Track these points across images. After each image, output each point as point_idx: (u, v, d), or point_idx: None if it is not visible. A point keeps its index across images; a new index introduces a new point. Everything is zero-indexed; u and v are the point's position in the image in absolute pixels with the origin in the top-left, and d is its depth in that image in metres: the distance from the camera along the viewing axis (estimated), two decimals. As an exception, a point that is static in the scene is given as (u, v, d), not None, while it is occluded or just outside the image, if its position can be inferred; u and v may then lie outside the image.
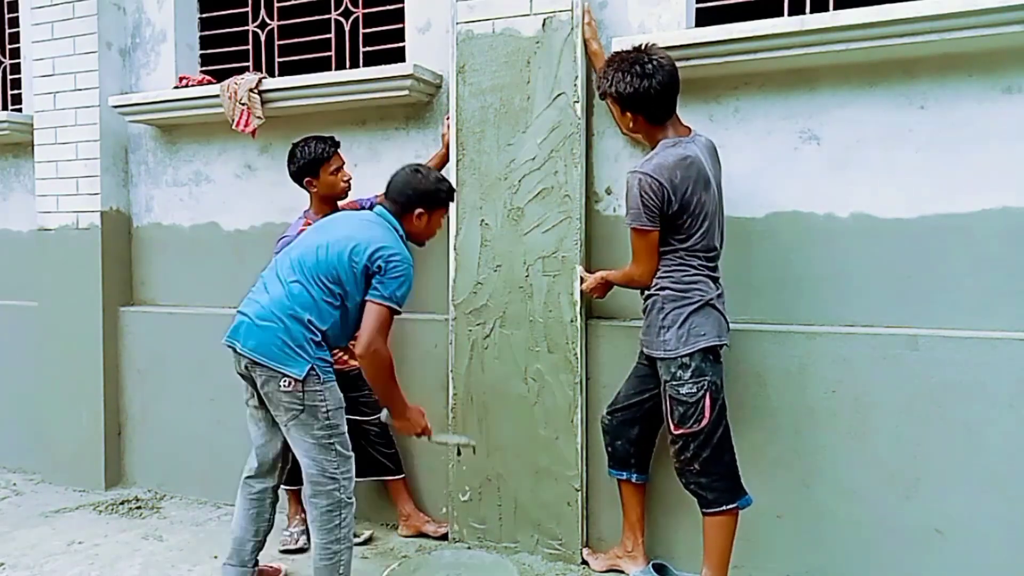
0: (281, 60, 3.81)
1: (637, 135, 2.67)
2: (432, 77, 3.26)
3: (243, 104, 3.46)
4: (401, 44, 3.46)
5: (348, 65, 3.65)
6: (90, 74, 3.88)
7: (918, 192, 2.64)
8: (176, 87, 3.79)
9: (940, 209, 2.62)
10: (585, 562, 2.97)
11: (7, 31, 4.51)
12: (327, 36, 3.70)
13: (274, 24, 3.83)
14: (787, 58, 2.67)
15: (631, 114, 2.51)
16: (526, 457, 3.03)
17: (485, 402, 3.09)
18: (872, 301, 2.71)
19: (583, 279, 2.88)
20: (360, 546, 3.18)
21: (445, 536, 3.23)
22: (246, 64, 3.88)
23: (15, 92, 4.51)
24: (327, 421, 2.46)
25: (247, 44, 3.89)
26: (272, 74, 3.74)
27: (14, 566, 3.07)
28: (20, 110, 4.35)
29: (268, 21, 3.85)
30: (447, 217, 2.80)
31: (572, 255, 2.93)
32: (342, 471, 2.49)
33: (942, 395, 2.57)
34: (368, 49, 3.62)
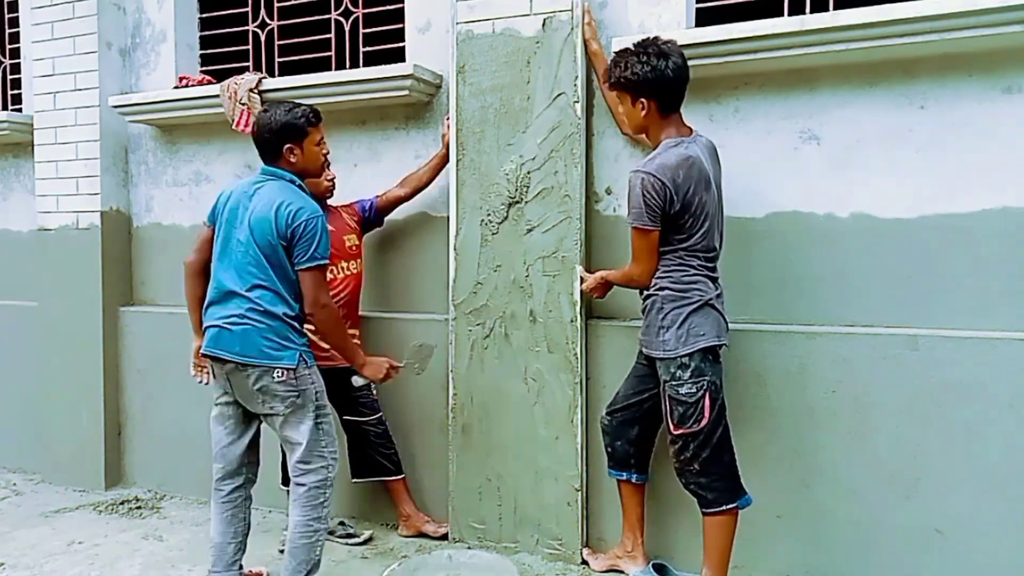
0: (281, 60, 3.81)
1: (640, 134, 2.66)
2: (432, 77, 3.26)
3: (243, 104, 3.46)
4: (401, 44, 3.46)
5: (348, 65, 3.65)
6: (90, 74, 3.88)
7: (918, 192, 2.64)
8: (176, 87, 3.79)
9: (940, 209, 2.62)
10: (585, 562, 2.97)
11: (7, 31, 4.52)
12: (327, 36, 3.70)
13: (274, 24, 3.83)
14: (787, 58, 2.67)
15: (645, 100, 2.48)
16: (526, 457, 3.03)
17: (485, 402, 3.09)
18: (872, 301, 2.71)
19: (583, 279, 2.88)
20: (360, 546, 3.19)
21: (445, 536, 3.23)
22: (246, 64, 3.88)
23: (15, 92, 4.51)
24: (317, 402, 2.56)
25: (247, 44, 3.89)
26: (272, 74, 3.74)
27: (14, 566, 3.07)
28: (20, 110, 4.35)
29: (268, 21, 3.85)
30: (323, 143, 2.70)
31: (572, 255, 2.93)
32: (330, 450, 2.59)
33: (942, 395, 2.57)
34: (368, 49, 3.62)
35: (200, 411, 3.77)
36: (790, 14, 2.86)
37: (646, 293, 2.58)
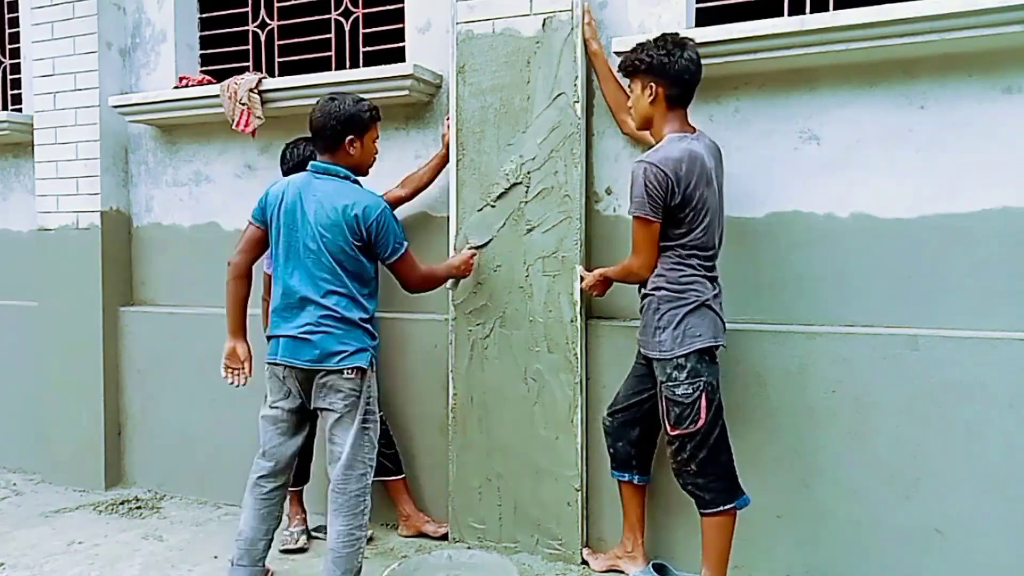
0: (281, 60, 3.81)
1: (644, 129, 2.66)
2: (432, 77, 3.26)
3: (243, 104, 3.46)
4: (401, 44, 3.46)
5: (348, 65, 3.65)
6: (90, 74, 3.88)
7: (918, 192, 2.64)
8: (176, 87, 3.79)
9: (940, 209, 2.62)
10: (585, 562, 2.97)
11: (7, 31, 4.52)
12: (327, 36, 3.70)
13: (274, 24, 3.83)
14: (787, 58, 2.67)
15: (654, 85, 2.50)
16: (526, 457, 3.03)
17: (485, 402, 3.09)
18: (872, 301, 2.71)
19: (583, 278, 2.88)
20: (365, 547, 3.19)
21: (445, 536, 3.23)
22: (246, 64, 3.88)
23: (15, 92, 4.51)
24: (369, 407, 2.58)
25: (247, 44, 3.89)
26: (272, 74, 3.74)
27: (14, 566, 3.07)
28: (20, 110, 4.35)
29: (268, 21, 3.85)
30: (377, 137, 2.71)
31: (572, 255, 2.93)
32: (370, 458, 2.60)
33: (942, 395, 2.57)
34: (368, 49, 3.62)
35: (200, 411, 3.80)
36: (790, 14, 2.86)
37: (643, 292, 2.58)
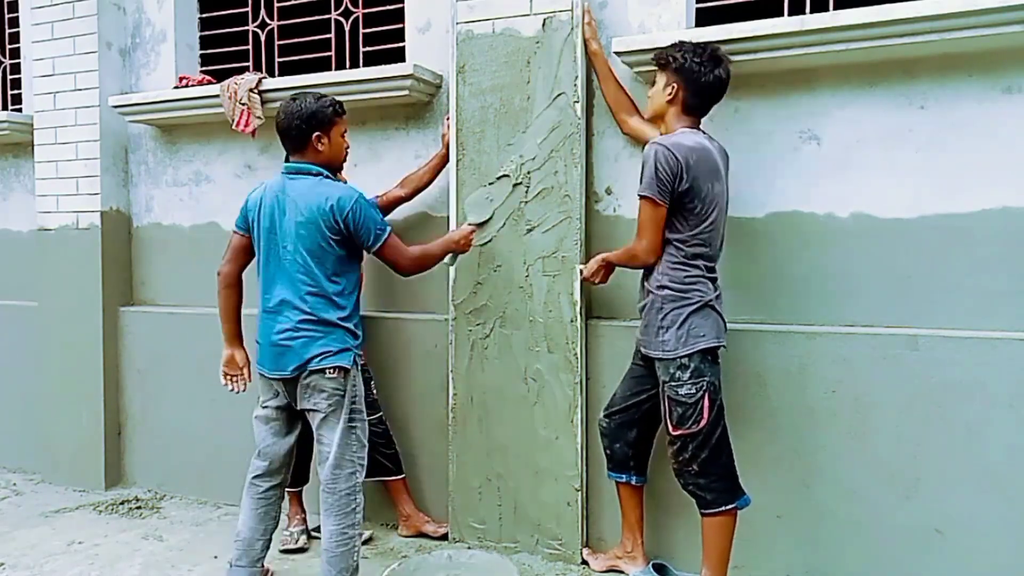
0: (281, 60, 3.81)
1: (654, 119, 2.66)
2: (432, 77, 3.26)
3: (243, 104, 3.46)
4: (401, 44, 3.46)
5: (348, 65, 3.65)
6: (90, 74, 3.88)
7: (918, 192, 2.64)
8: (176, 87, 3.79)
9: (940, 209, 2.62)
10: (585, 562, 2.97)
11: (7, 31, 4.52)
12: (327, 36, 3.70)
13: (274, 24, 3.83)
14: (787, 58, 2.67)
15: (676, 84, 2.51)
16: (526, 457, 3.03)
17: (485, 402, 3.09)
18: (872, 301, 2.71)
19: (582, 270, 2.87)
20: (360, 546, 3.18)
21: (445, 536, 3.23)
22: (246, 64, 3.88)
23: (15, 92, 4.51)
24: (355, 406, 2.59)
25: (247, 44, 3.89)
26: (272, 74, 3.74)
27: (14, 566, 3.07)
28: (20, 110, 4.35)
29: (268, 21, 3.85)
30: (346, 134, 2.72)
31: (572, 255, 2.93)
32: (359, 456, 2.60)
33: (942, 395, 2.57)
34: (368, 49, 3.62)
35: (200, 411, 3.80)
36: (790, 14, 2.86)
37: (646, 291, 2.58)
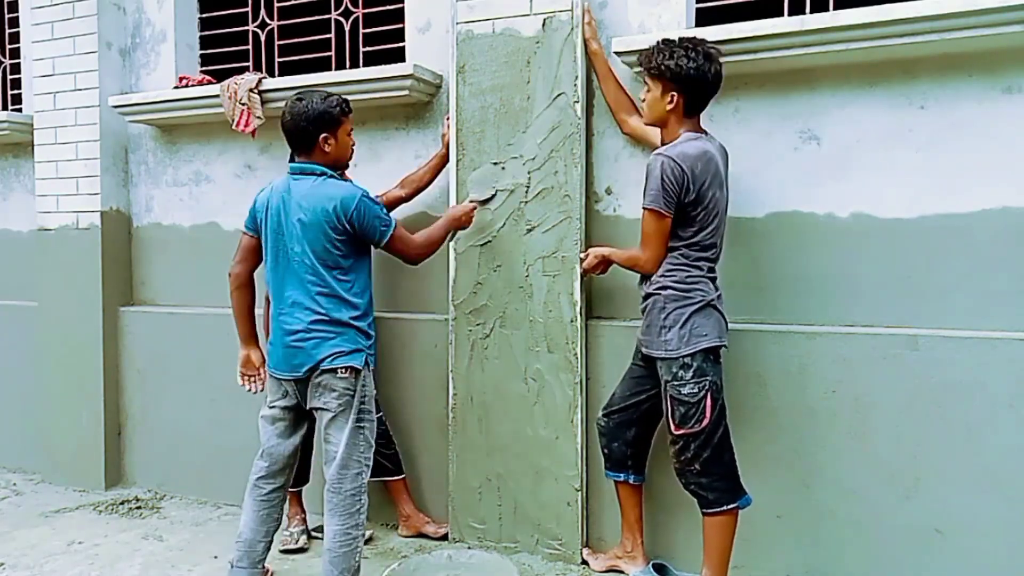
0: (281, 60, 3.81)
1: (653, 125, 2.65)
2: (432, 77, 3.26)
3: (243, 104, 3.46)
4: (401, 44, 3.46)
5: (348, 65, 3.65)
6: (90, 74, 3.88)
7: (918, 192, 2.64)
8: (176, 87, 3.79)
9: (940, 209, 2.62)
10: (585, 562, 2.97)
11: (7, 31, 4.51)
12: (327, 36, 3.70)
13: (274, 24, 3.83)
14: (787, 58, 2.67)
15: (676, 94, 2.49)
16: (526, 457, 3.03)
17: (485, 402, 3.09)
18: (872, 301, 2.71)
19: (583, 259, 2.87)
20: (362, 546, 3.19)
21: (445, 536, 3.23)
22: (246, 64, 3.88)
23: (15, 92, 4.51)
24: (364, 406, 2.58)
25: (247, 44, 3.89)
26: (272, 74, 3.74)
27: (14, 566, 3.07)
28: (20, 110, 4.35)
29: (268, 21, 3.85)
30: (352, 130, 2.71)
31: (572, 255, 2.93)
32: (366, 457, 2.59)
33: (942, 395, 2.57)
34: (368, 49, 3.62)
35: (200, 411, 3.80)
36: (790, 14, 2.86)
37: (647, 292, 2.58)
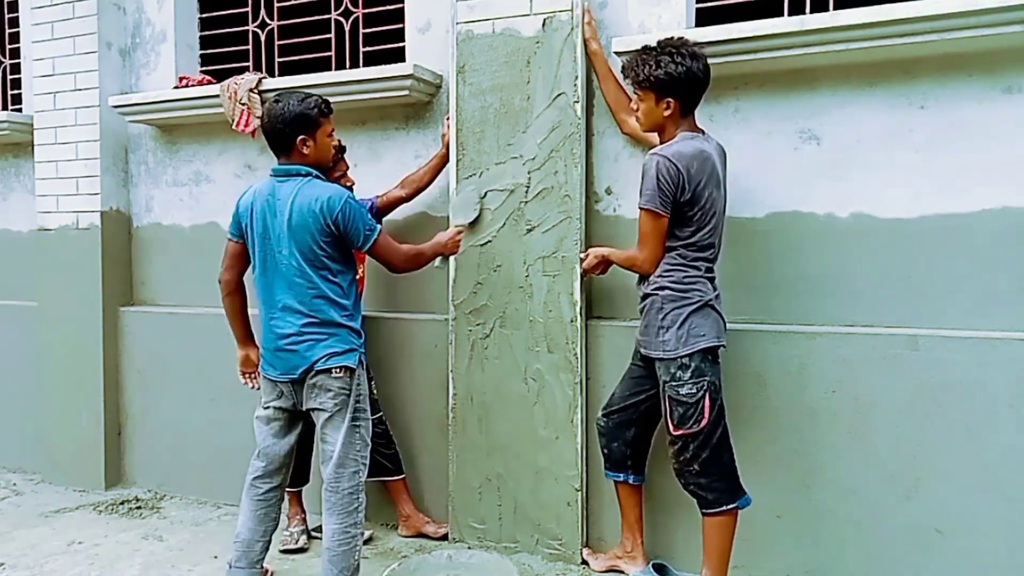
0: (281, 60, 3.81)
1: (651, 131, 2.65)
2: (432, 77, 3.26)
3: (243, 104, 3.46)
4: (401, 44, 3.46)
5: (348, 65, 3.65)
6: (90, 74, 3.88)
7: (918, 192, 2.64)
8: (176, 87, 3.79)
9: (940, 209, 2.62)
10: (585, 562, 2.97)
11: (7, 31, 4.52)
12: (327, 36, 3.70)
13: (274, 24, 3.83)
14: (787, 58, 2.67)
15: (670, 100, 2.49)
16: (526, 457, 3.03)
17: (485, 402, 3.09)
18: (872, 301, 2.71)
19: (583, 259, 2.87)
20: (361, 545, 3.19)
21: (445, 536, 3.23)
22: (246, 64, 3.88)
23: (15, 92, 4.51)
24: (359, 405, 2.58)
25: (247, 44, 3.89)
26: (272, 74, 3.74)
27: (14, 566, 3.07)
28: (20, 110, 4.35)
29: (268, 21, 3.85)
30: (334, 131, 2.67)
31: (572, 255, 2.93)
32: (363, 455, 2.59)
33: (942, 395, 2.57)
34: (368, 49, 3.62)
35: (200, 411, 3.80)
36: (790, 14, 2.86)
37: (645, 292, 2.58)
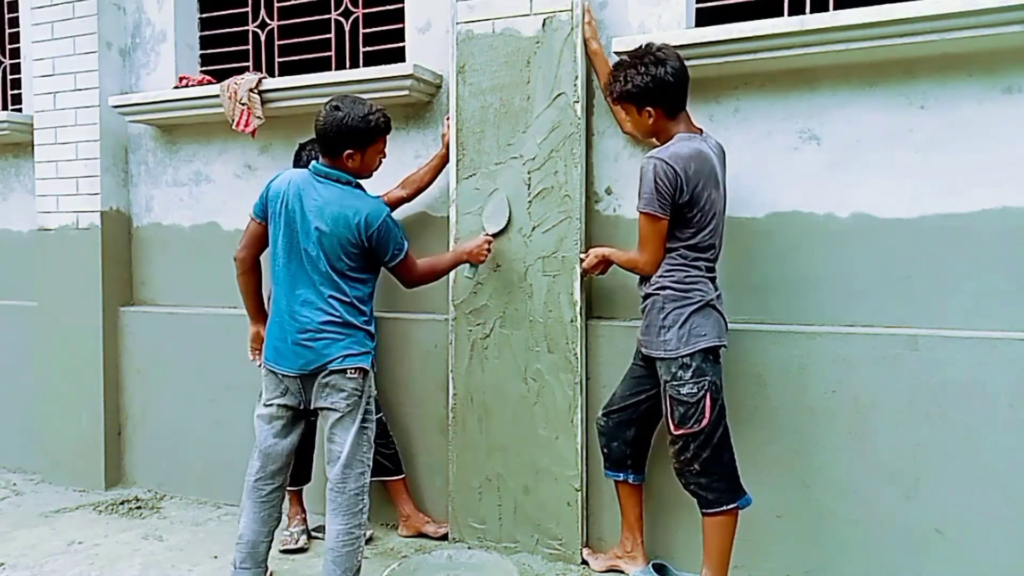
0: (281, 60, 3.81)
1: (651, 138, 2.66)
2: (432, 77, 3.26)
3: (243, 104, 3.46)
4: (401, 44, 3.46)
5: (348, 65, 3.65)
6: (90, 74, 3.88)
7: (918, 192, 2.64)
8: (176, 87, 3.79)
9: (940, 209, 2.62)
10: (585, 562, 2.97)
11: (7, 31, 4.51)
12: (327, 36, 3.70)
13: (274, 24, 3.83)
14: (787, 58, 2.67)
15: (650, 109, 2.50)
16: (526, 457, 3.03)
17: (485, 402, 3.09)
18: (872, 301, 2.71)
19: (583, 259, 2.87)
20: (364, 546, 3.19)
21: (445, 536, 3.23)
22: (246, 64, 3.88)
23: (15, 92, 4.51)
24: (368, 407, 2.59)
25: (247, 44, 3.89)
26: (272, 74, 3.74)
27: (14, 566, 3.07)
28: (20, 110, 4.35)
29: (268, 21, 3.85)
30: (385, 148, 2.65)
31: (572, 255, 2.93)
32: (368, 457, 2.60)
33: (942, 395, 2.57)
34: (368, 49, 3.62)
35: (200, 411, 3.79)
36: (790, 14, 2.86)
37: (646, 292, 2.58)
